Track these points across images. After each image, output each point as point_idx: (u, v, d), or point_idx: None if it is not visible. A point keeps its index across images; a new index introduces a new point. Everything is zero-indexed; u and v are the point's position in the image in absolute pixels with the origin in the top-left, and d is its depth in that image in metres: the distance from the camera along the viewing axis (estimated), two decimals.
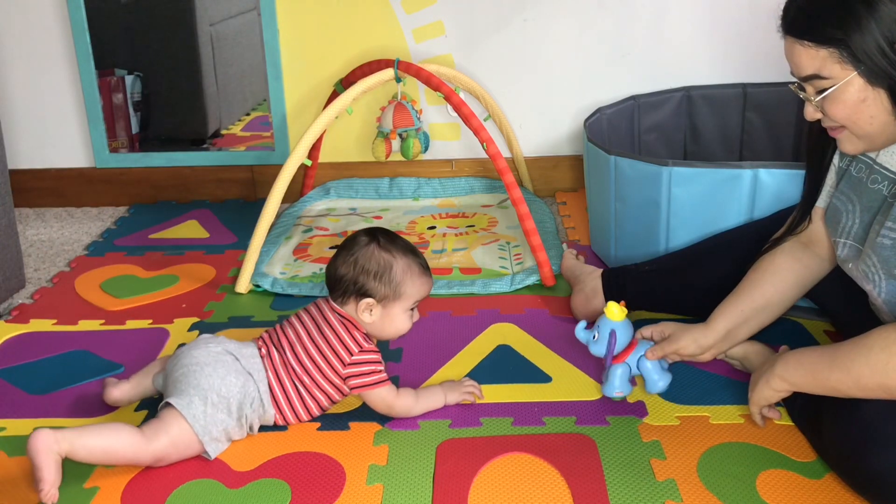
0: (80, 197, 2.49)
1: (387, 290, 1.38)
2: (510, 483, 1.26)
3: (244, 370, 1.35)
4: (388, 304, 1.39)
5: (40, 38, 2.36)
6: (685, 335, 1.42)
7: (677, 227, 1.73)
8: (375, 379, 1.37)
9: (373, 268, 1.37)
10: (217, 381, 1.31)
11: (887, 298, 1.22)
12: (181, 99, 2.63)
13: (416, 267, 1.40)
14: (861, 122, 1.16)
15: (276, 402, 1.37)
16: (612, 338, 1.39)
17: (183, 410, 1.28)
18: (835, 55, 1.13)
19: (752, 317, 1.41)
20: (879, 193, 1.24)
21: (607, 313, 1.40)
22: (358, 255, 1.38)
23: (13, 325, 1.77)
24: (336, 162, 2.47)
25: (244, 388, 1.34)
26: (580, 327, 1.44)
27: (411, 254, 1.41)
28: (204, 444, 1.29)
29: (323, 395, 1.38)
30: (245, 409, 1.34)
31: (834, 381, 1.17)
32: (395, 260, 1.38)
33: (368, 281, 1.37)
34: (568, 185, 2.46)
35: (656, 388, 1.42)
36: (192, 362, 1.34)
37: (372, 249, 1.38)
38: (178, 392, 1.31)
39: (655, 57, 2.33)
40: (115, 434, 1.26)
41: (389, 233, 1.43)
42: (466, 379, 1.49)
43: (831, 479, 1.24)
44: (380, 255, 1.38)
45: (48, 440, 1.21)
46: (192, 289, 1.92)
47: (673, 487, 1.24)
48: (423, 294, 1.42)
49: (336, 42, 2.35)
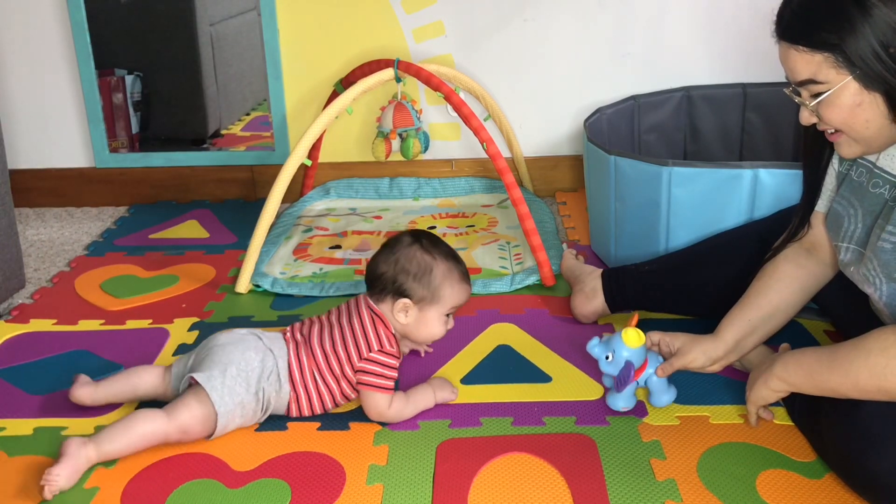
0: (80, 197, 2.49)
1: (425, 291, 1.39)
2: (510, 483, 1.26)
3: (265, 347, 1.38)
4: (425, 307, 1.40)
5: (40, 38, 2.36)
6: (694, 348, 1.40)
7: (677, 227, 1.73)
8: (381, 383, 1.37)
9: (413, 268, 1.38)
10: (237, 356, 1.35)
11: (888, 301, 1.22)
12: (181, 99, 2.63)
13: (457, 273, 1.41)
14: (857, 126, 1.16)
15: (292, 381, 1.38)
16: (629, 367, 1.37)
17: (202, 381, 1.32)
18: (830, 60, 1.13)
19: (760, 325, 1.40)
20: (881, 197, 1.24)
21: (624, 339, 1.38)
22: (400, 254, 1.40)
23: (13, 325, 1.77)
24: (336, 162, 2.47)
25: (263, 362, 1.36)
26: (593, 343, 1.40)
27: (453, 259, 1.42)
28: (219, 415, 1.31)
29: (336, 387, 1.39)
30: (262, 383, 1.36)
31: (832, 383, 1.17)
32: (436, 263, 1.39)
33: (407, 281, 1.38)
34: (568, 185, 2.46)
35: (662, 402, 1.41)
36: (215, 344, 1.39)
37: (414, 250, 1.40)
38: (201, 368, 1.35)
39: (655, 57, 2.33)
40: (136, 422, 1.30)
41: (433, 236, 1.45)
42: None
43: (831, 479, 1.24)
44: (421, 257, 1.39)
45: (76, 449, 1.26)
46: (192, 289, 1.92)
47: (673, 487, 1.24)
48: (460, 301, 1.43)
49: (336, 42, 2.35)
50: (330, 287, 1.87)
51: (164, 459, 1.32)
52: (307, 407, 1.39)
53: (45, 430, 1.41)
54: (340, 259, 2.04)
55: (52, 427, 1.42)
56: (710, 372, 1.43)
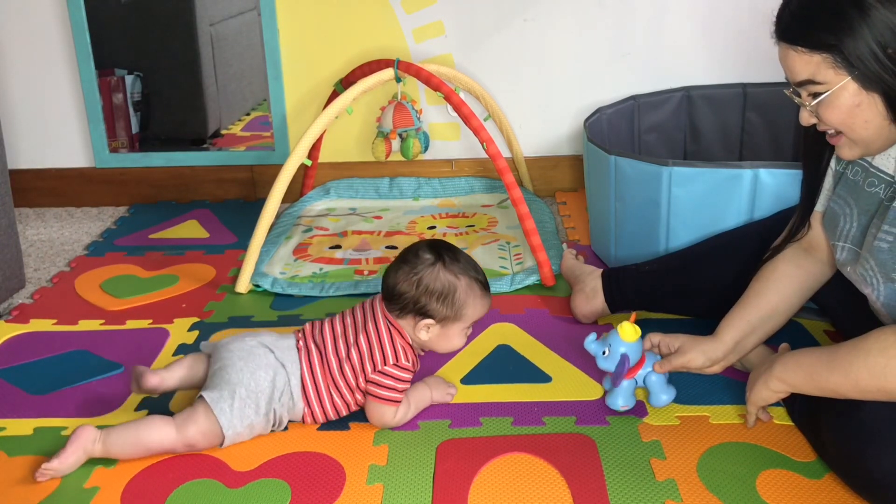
0: (80, 197, 2.49)
1: (448, 311, 1.36)
2: (510, 483, 1.26)
3: (277, 362, 1.36)
4: (447, 325, 1.37)
5: (40, 38, 2.36)
6: (694, 348, 1.40)
7: (677, 227, 1.73)
8: (391, 396, 1.36)
9: (437, 289, 1.34)
10: (247, 377, 1.33)
11: (886, 302, 1.22)
12: (181, 99, 2.63)
13: (478, 287, 1.38)
14: (856, 126, 1.16)
15: (305, 397, 1.36)
16: (624, 360, 1.37)
17: (212, 404, 1.31)
18: (828, 60, 1.13)
19: (759, 326, 1.40)
20: (876, 196, 1.24)
21: (620, 333, 1.38)
22: (423, 274, 1.34)
23: (13, 325, 1.77)
24: (336, 162, 2.47)
25: (274, 381, 1.34)
26: (590, 339, 1.40)
27: (473, 271, 1.38)
28: (226, 437, 1.31)
29: (351, 397, 1.38)
30: (274, 404, 1.35)
31: (832, 384, 1.17)
32: (460, 282, 1.35)
33: (431, 302, 1.35)
34: (568, 185, 2.46)
35: (660, 402, 1.41)
36: (227, 356, 1.36)
37: (437, 270, 1.35)
38: (212, 386, 1.34)
39: (655, 57, 2.33)
40: (146, 430, 1.31)
41: (452, 248, 1.39)
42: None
43: (831, 479, 1.24)
44: (445, 277, 1.35)
45: (87, 437, 1.29)
46: (192, 289, 1.92)
47: (673, 487, 1.24)
48: (482, 314, 1.40)
49: (336, 42, 2.35)
50: (330, 287, 1.87)
51: (164, 459, 1.32)
52: (321, 416, 1.39)
53: (45, 430, 1.41)
54: (340, 259, 2.04)
55: (52, 427, 1.42)
56: (709, 373, 1.43)
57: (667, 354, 1.44)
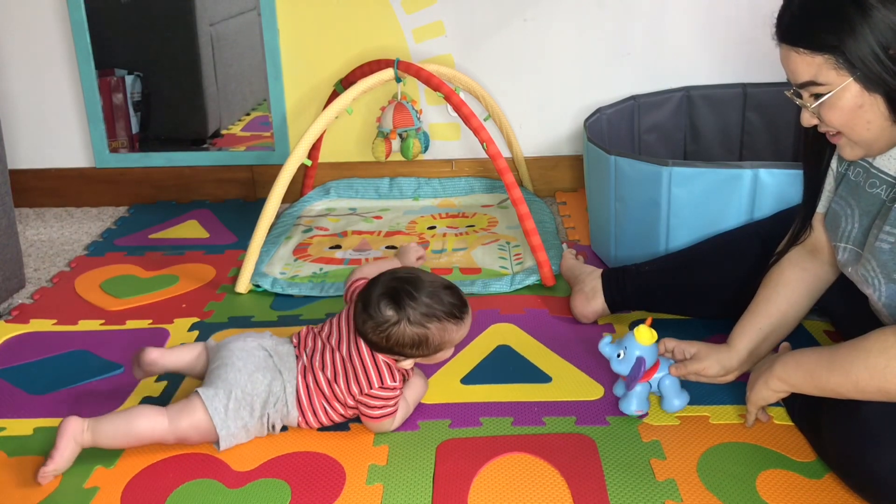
0: (80, 197, 2.49)
1: (426, 351, 1.35)
2: (510, 483, 1.26)
3: (274, 367, 1.36)
4: (429, 357, 1.37)
5: (40, 38, 2.36)
6: (709, 357, 1.40)
7: (677, 227, 1.73)
8: (381, 413, 1.36)
9: (408, 342, 1.33)
10: (244, 378, 1.33)
11: (887, 302, 1.22)
12: (181, 99, 2.63)
13: (450, 322, 1.34)
14: (858, 127, 1.16)
15: (300, 407, 1.36)
16: (640, 364, 1.36)
17: (207, 402, 1.30)
18: (830, 61, 1.12)
19: (771, 333, 1.40)
20: (878, 197, 1.24)
21: (637, 336, 1.37)
22: (390, 332, 1.31)
23: (13, 325, 1.77)
24: (336, 162, 2.47)
25: (270, 386, 1.34)
26: (605, 342, 1.39)
27: (440, 308, 1.33)
28: (220, 437, 1.31)
29: (343, 410, 1.38)
30: (268, 408, 1.34)
31: (833, 384, 1.17)
32: (429, 329, 1.33)
33: (405, 350, 1.34)
34: (568, 185, 2.46)
35: (673, 407, 1.40)
36: (227, 355, 1.36)
37: (403, 327, 1.31)
38: (209, 383, 1.34)
39: (655, 57, 2.33)
40: (136, 418, 1.30)
41: (409, 290, 1.32)
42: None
43: (831, 479, 1.24)
44: (412, 331, 1.32)
45: (75, 428, 1.28)
46: (192, 289, 1.92)
47: (673, 487, 1.24)
48: (463, 336, 1.38)
49: (336, 42, 2.35)
50: (330, 287, 1.87)
51: (164, 459, 1.32)
52: (315, 424, 1.38)
53: (45, 430, 1.41)
54: (340, 259, 2.04)
55: (52, 427, 1.41)
56: (721, 382, 1.43)
57: (681, 360, 1.43)
